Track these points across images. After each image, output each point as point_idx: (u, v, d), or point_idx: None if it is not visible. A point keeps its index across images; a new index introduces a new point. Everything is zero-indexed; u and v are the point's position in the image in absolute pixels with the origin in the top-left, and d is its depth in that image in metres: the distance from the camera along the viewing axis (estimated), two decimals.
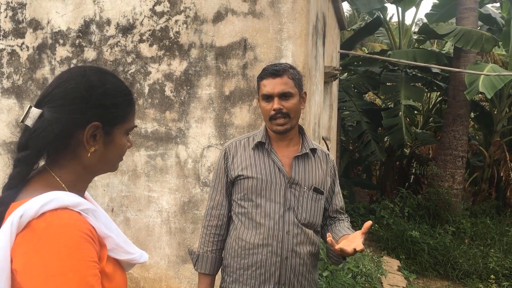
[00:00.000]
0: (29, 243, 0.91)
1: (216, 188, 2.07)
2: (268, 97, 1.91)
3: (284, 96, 1.89)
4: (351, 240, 1.73)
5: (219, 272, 2.09)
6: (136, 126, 1.24)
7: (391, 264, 5.95)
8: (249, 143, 2.03)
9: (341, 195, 2.18)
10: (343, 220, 2.12)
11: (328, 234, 1.71)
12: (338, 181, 2.15)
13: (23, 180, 1.01)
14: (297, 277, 1.94)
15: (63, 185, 1.05)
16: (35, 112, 1.02)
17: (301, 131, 2.07)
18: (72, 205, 0.98)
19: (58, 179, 1.05)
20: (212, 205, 2.07)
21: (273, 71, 1.91)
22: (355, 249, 1.63)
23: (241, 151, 2.02)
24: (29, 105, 1.03)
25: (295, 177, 1.94)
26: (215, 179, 2.08)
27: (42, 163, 1.08)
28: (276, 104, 1.88)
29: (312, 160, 2.01)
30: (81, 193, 1.10)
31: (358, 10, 9.25)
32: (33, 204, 0.93)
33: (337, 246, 1.66)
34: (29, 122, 1.01)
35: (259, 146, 2.00)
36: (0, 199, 0.99)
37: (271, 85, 1.90)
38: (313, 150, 2.03)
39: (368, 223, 1.66)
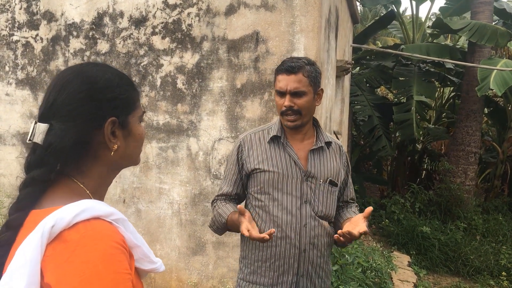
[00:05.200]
0: (61, 255, 0.86)
1: (227, 179, 2.08)
2: (281, 93, 1.92)
3: (296, 94, 1.89)
4: (354, 222, 1.80)
5: (238, 263, 2.10)
6: (145, 112, 1.19)
7: (402, 259, 5.93)
8: (264, 136, 2.04)
9: (352, 186, 2.21)
10: (350, 206, 2.16)
11: (336, 236, 1.78)
12: (350, 173, 2.17)
13: (36, 199, 0.95)
14: (315, 268, 1.97)
15: (87, 191, 1.00)
16: (42, 127, 0.96)
17: (316, 124, 2.08)
18: (105, 215, 0.94)
19: (82, 185, 1.00)
20: (222, 193, 2.08)
21: (289, 67, 1.90)
22: (360, 232, 1.71)
23: (256, 144, 2.02)
24: (33, 122, 0.97)
25: (311, 170, 1.95)
26: (228, 170, 2.09)
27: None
28: (287, 101, 1.90)
29: (327, 153, 2.03)
30: (102, 198, 1.07)
31: (364, 5, 9.17)
32: (65, 214, 0.88)
33: (344, 229, 1.74)
34: (38, 139, 0.96)
35: (275, 139, 2.01)
36: (7, 223, 0.93)
37: (284, 82, 1.90)
38: (328, 143, 2.04)
39: (369, 208, 1.75)
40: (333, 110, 5.09)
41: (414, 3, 9.04)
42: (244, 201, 2.13)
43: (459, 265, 6.35)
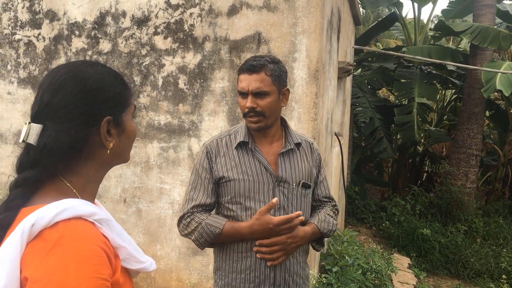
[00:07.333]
0: (39, 253, 0.87)
1: (200, 189, 1.92)
2: (243, 94, 1.82)
3: (258, 94, 1.79)
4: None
5: (212, 274, 2.02)
6: (135, 106, 1.20)
7: (402, 261, 5.93)
8: (231, 141, 1.92)
9: (326, 183, 2.09)
10: (323, 206, 2.05)
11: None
12: (323, 170, 2.07)
13: (27, 199, 0.96)
14: (292, 276, 1.89)
15: (74, 190, 1.01)
16: (36, 127, 0.97)
17: (284, 124, 2.00)
18: (87, 215, 0.94)
19: (68, 184, 1.00)
20: (197, 203, 1.91)
21: (250, 66, 1.80)
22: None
23: (224, 151, 1.91)
24: (27, 122, 0.98)
25: (282, 175, 1.86)
26: (196, 179, 1.93)
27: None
28: (249, 102, 1.79)
29: (297, 154, 1.94)
30: (92, 196, 1.07)
31: (364, 7, 9.17)
32: (46, 213, 0.89)
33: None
34: (32, 139, 0.96)
35: (242, 145, 1.90)
36: None
37: (246, 82, 1.80)
38: (298, 144, 1.96)
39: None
40: (334, 112, 5.09)
41: (416, 5, 9.04)
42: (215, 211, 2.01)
43: (459, 268, 6.35)
